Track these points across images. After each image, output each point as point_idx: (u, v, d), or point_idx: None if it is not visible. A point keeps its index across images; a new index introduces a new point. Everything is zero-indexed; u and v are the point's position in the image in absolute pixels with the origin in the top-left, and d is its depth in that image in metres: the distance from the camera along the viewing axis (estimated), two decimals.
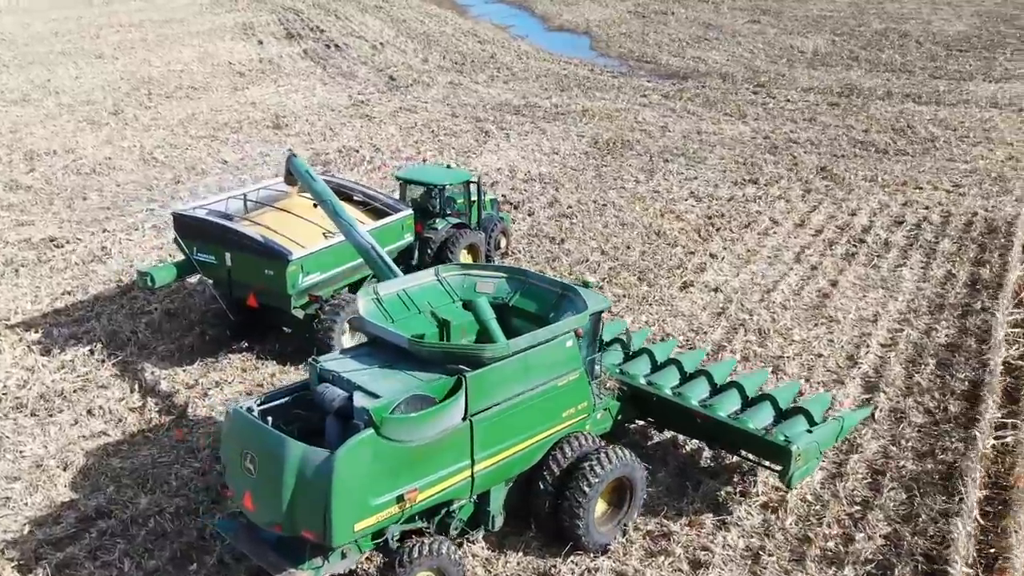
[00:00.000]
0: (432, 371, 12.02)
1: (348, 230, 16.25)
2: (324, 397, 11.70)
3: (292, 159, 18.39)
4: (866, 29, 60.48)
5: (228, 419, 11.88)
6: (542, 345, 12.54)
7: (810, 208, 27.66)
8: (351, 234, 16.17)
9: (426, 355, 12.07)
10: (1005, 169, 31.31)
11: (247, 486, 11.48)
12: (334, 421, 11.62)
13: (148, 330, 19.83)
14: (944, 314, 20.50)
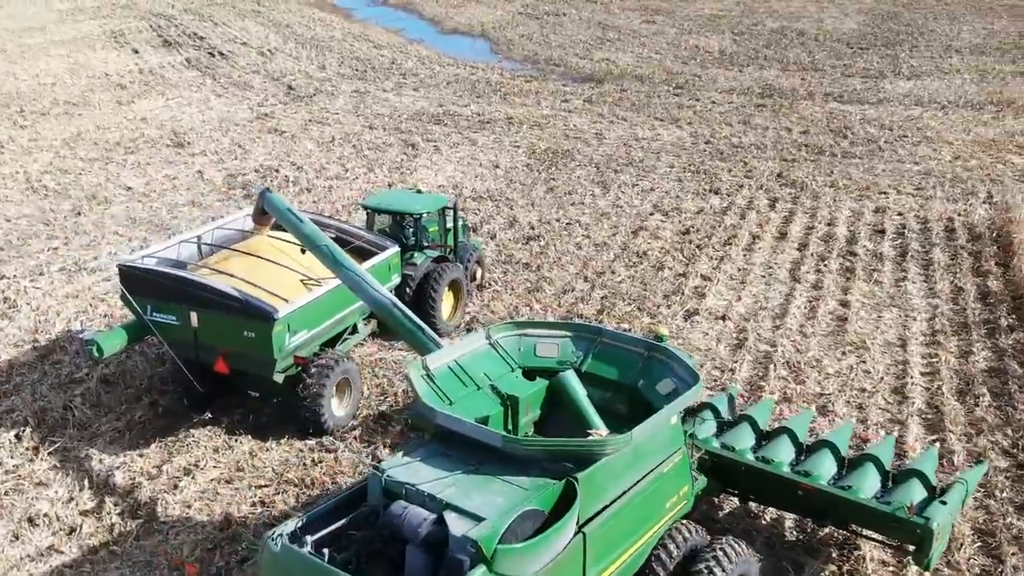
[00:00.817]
0: (529, 472, 9.46)
1: (359, 284, 13.40)
2: (405, 522, 8.98)
3: (267, 195, 15.43)
4: (762, 28, 60.18)
5: (272, 557, 9.02)
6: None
7: (783, 219, 26.11)
8: (364, 289, 13.33)
9: (524, 454, 9.50)
10: (957, 170, 30.60)
11: None
12: (419, 553, 8.92)
13: (85, 404, 16.44)
14: (972, 335, 19.07)
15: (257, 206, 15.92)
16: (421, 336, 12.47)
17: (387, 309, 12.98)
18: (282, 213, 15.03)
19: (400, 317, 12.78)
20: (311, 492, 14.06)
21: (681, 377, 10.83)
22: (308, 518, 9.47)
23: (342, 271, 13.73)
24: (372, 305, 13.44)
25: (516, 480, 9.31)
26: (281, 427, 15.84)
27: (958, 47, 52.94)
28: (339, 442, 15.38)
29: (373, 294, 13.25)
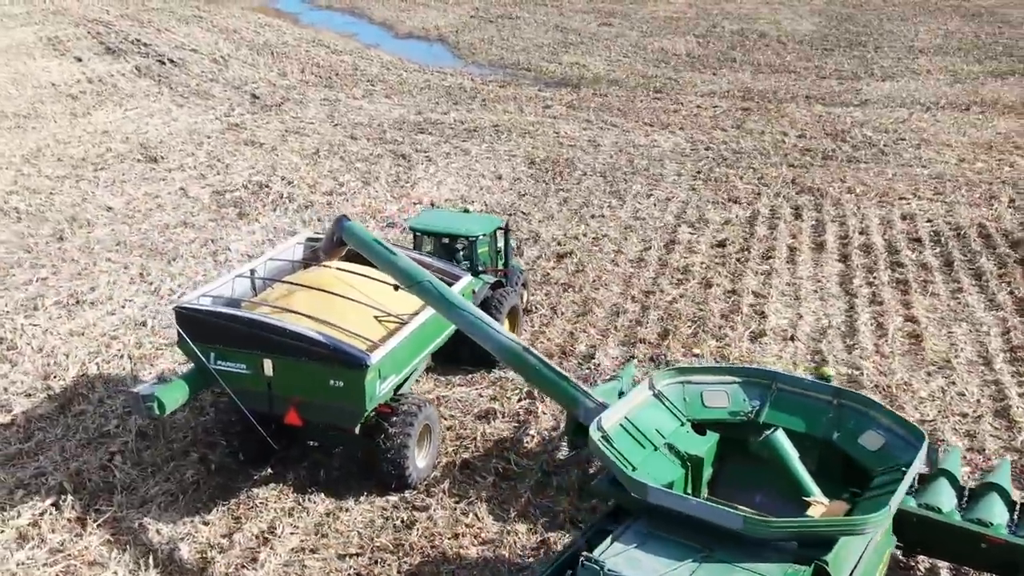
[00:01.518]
0: (768, 557, 8.07)
1: (480, 327, 11.82)
2: None
3: (346, 224, 13.73)
4: (723, 30, 59.73)
5: None
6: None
7: (813, 228, 25.14)
8: (487, 334, 11.76)
9: (769, 536, 8.09)
10: (967, 173, 30.11)
11: None
12: None
13: (126, 463, 14.52)
14: None
15: (331, 235, 14.17)
16: (566, 387, 10.98)
17: (518, 356, 11.43)
18: (367, 244, 13.37)
19: (537, 365, 11.26)
20: (411, 560, 12.43)
21: (888, 429, 9.54)
22: None
23: (458, 313, 12.12)
24: (498, 352, 11.85)
25: (761, 568, 7.90)
26: (355, 482, 14.17)
27: (921, 48, 53.12)
28: (429, 498, 13.75)
29: (500, 339, 11.69)
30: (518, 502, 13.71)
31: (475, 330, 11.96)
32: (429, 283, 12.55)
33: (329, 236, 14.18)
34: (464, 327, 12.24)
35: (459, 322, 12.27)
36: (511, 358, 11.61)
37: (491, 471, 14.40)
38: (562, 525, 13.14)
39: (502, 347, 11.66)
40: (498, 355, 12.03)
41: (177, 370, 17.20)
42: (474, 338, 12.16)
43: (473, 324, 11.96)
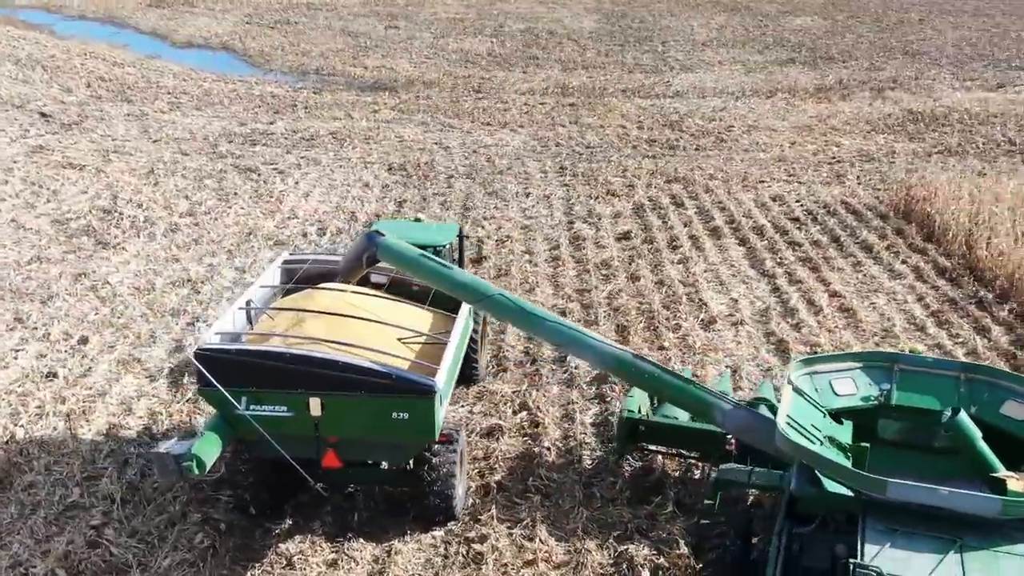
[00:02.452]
0: (1018, 538, 7.97)
1: (582, 340, 11.08)
2: None
3: (381, 241, 12.41)
4: (511, 29, 60.60)
5: None
6: None
7: (699, 215, 25.81)
8: (592, 347, 11.08)
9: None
10: (804, 154, 32.06)
11: None
12: None
13: (121, 535, 12.49)
14: (972, 312, 19.61)
15: (359, 255, 12.73)
16: (694, 391, 10.48)
17: (630, 365, 10.78)
18: (414, 261, 12.20)
19: (655, 372, 10.65)
20: None
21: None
22: None
23: (545, 326, 11.24)
24: (603, 363, 11.11)
25: (1019, 550, 7.77)
26: (390, 521, 12.96)
27: (703, 41, 56.16)
28: (480, 526, 12.78)
29: (604, 348, 10.97)
30: (571, 519, 13.02)
31: (570, 341, 11.18)
32: (502, 296, 11.61)
33: (356, 255, 12.77)
34: (554, 340, 11.42)
35: (548, 335, 11.43)
36: (621, 367, 10.94)
37: (529, 490, 13.60)
38: (631, 536, 12.60)
39: (608, 357, 10.96)
40: (603, 366, 11.31)
41: (126, 424, 15.15)
42: (567, 350, 11.38)
43: (567, 335, 11.18)
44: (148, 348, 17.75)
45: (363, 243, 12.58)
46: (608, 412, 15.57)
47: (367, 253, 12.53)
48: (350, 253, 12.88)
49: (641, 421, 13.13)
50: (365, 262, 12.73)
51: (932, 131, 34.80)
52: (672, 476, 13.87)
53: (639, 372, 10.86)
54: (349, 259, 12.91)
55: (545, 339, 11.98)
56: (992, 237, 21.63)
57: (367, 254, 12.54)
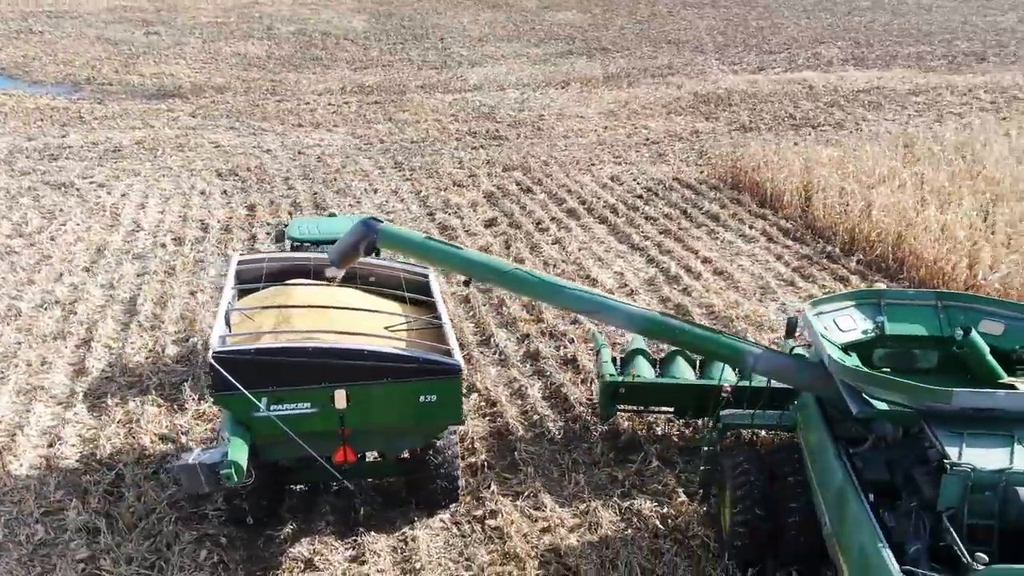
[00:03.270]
0: None
1: (608, 305, 11.44)
2: None
3: (381, 228, 12.13)
4: (282, 31, 59.49)
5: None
6: None
7: (552, 198, 26.74)
8: (619, 310, 11.42)
9: None
10: (619, 138, 33.83)
11: None
12: None
13: (119, 566, 11.62)
14: (834, 265, 21.69)
15: (355, 243, 12.27)
16: (724, 340, 11.18)
17: (660, 323, 11.29)
18: (420, 244, 12.07)
19: (685, 327, 11.23)
20: (532, 566, 11.73)
21: (1000, 315, 11.19)
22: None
23: (569, 295, 11.52)
24: (632, 324, 11.50)
25: None
26: (392, 512, 12.85)
27: (479, 37, 57.51)
28: (487, 503, 12.94)
29: (631, 311, 11.41)
30: (566, 485, 13.44)
31: (596, 307, 11.53)
32: (519, 270, 11.80)
33: (353, 244, 12.32)
34: (581, 308, 11.73)
35: (573, 304, 11.71)
36: (650, 326, 11.43)
37: (516, 465, 13.88)
38: (629, 493, 13.19)
39: (637, 318, 11.41)
40: (633, 327, 11.71)
41: (61, 454, 14.00)
42: (594, 317, 11.72)
43: (593, 302, 11.53)
44: (46, 375, 16.39)
45: (361, 231, 12.26)
46: (557, 385, 16.04)
47: (366, 241, 12.25)
48: (345, 242, 12.49)
49: (622, 383, 13.75)
50: (364, 250, 12.46)
51: (722, 110, 37.67)
52: (642, 435, 14.57)
53: (670, 329, 11.44)
54: (344, 248, 12.51)
55: (569, 308, 12.30)
56: (825, 199, 23.91)
57: (366, 242, 12.26)
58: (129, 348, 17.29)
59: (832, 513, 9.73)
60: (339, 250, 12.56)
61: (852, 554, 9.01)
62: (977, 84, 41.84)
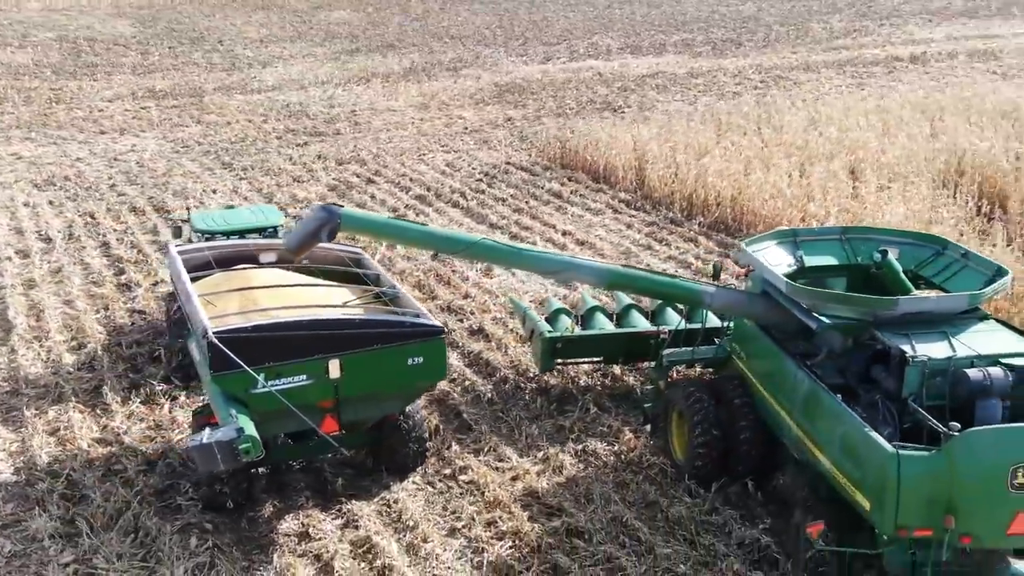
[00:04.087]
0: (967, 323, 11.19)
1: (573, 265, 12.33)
2: (993, 380, 10.09)
3: (343, 212, 11.91)
4: (40, 38, 56.14)
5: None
6: None
7: (395, 184, 27.34)
8: (585, 267, 12.41)
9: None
10: (439, 129, 34.82)
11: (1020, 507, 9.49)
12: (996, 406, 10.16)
13: (110, 560, 11.39)
14: (682, 229, 23.61)
15: (316, 230, 11.93)
16: (683, 283, 12.41)
17: (623, 275, 12.35)
18: (385, 225, 12.41)
19: (647, 275, 12.37)
20: (515, 510, 12.55)
21: (894, 242, 13.06)
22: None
23: (534, 259, 12.34)
24: (599, 279, 12.45)
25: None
26: (364, 481, 13.27)
27: (260, 39, 56.63)
28: (454, 461, 13.61)
29: (596, 266, 12.42)
30: (520, 438, 14.29)
31: (565, 267, 12.35)
32: (485, 239, 12.44)
33: (314, 230, 11.98)
34: (549, 269, 12.45)
35: (538, 266, 12.44)
36: (617, 279, 12.44)
37: (467, 426, 14.59)
38: (579, 438, 14.21)
39: (603, 272, 12.37)
40: (600, 282, 12.65)
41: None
42: (561, 277, 12.55)
43: (561, 262, 12.37)
44: None
45: (323, 216, 12.01)
46: (476, 353, 16.82)
47: (328, 227, 11.96)
48: (305, 229, 12.23)
49: (560, 338, 14.77)
50: (326, 236, 12.13)
51: (527, 98, 39.39)
52: (572, 388, 15.65)
53: (634, 279, 12.56)
54: (304, 235, 12.24)
55: (539, 271, 13.04)
56: (658, 171, 25.90)
57: (328, 227, 11.98)
58: (22, 360, 16.47)
59: (802, 418, 11.17)
60: (298, 237, 12.33)
61: (834, 446, 10.46)
62: (744, 66, 45.88)
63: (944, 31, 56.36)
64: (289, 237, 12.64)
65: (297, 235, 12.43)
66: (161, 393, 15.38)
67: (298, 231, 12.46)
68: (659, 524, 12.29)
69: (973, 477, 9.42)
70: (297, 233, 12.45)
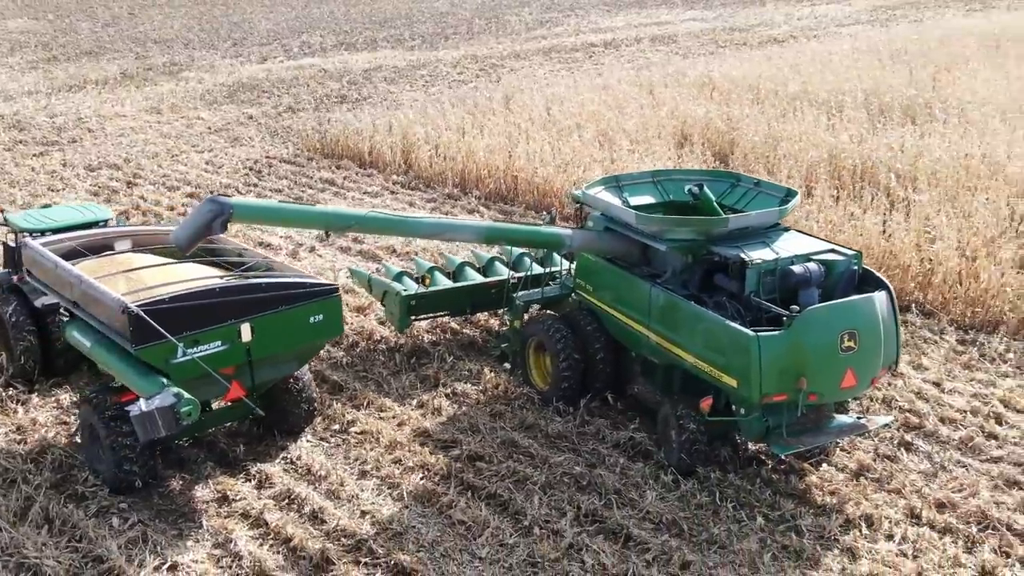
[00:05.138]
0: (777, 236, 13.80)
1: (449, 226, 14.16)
2: (811, 273, 12.62)
3: (235, 204, 12.04)
4: None
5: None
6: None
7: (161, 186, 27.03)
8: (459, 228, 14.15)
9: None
10: (176, 130, 34.35)
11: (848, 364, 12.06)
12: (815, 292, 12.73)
13: (32, 542, 11.33)
14: (457, 204, 25.30)
15: (206, 223, 11.79)
16: (546, 231, 14.05)
17: (496, 230, 13.85)
18: (276, 211, 13.12)
19: (514, 227, 14.03)
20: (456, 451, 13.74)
21: (693, 180, 15.46)
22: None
23: (416, 225, 13.79)
24: (478, 237, 13.88)
25: None
26: (260, 447, 13.88)
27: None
28: (342, 416, 14.51)
29: (471, 225, 13.90)
30: (389, 392, 15.37)
31: (446, 229, 13.84)
32: (374, 212, 13.41)
33: (205, 223, 11.80)
34: (435, 233, 13.79)
35: (428, 230, 13.82)
36: (492, 233, 13.86)
37: (339, 386, 15.48)
38: (441, 383, 15.57)
39: (480, 229, 13.83)
40: (478, 238, 14.00)
41: None
42: (444, 237, 13.78)
43: (444, 225, 13.76)
44: None
45: (214, 208, 11.90)
46: None
47: (220, 219, 11.91)
48: (195, 223, 12.01)
49: (415, 295, 16.00)
50: (219, 227, 12.01)
51: (261, 97, 39.46)
52: (421, 343, 16.92)
53: (506, 232, 14.07)
54: (195, 229, 12.01)
55: (423, 236, 14.27)
56: (427, 153, 27.45)
57: (220, 219, 11.92)
58: None
59: (661, 327, 13.21)
60: (188, 232, 12.10)
61: (696, 342, 12.58)
62: (459, 57, 48.36)
63: (623, 19, 62.10)
64: (177, 233, 12.35)
65: (187, 230, 12.18)
66: (9, 399, 14.92)
67: (188, 226, 12.22)
68: (543, 440, 13.93)
69: (814, 346, 11.88)
70: (186, 228, 12.21)
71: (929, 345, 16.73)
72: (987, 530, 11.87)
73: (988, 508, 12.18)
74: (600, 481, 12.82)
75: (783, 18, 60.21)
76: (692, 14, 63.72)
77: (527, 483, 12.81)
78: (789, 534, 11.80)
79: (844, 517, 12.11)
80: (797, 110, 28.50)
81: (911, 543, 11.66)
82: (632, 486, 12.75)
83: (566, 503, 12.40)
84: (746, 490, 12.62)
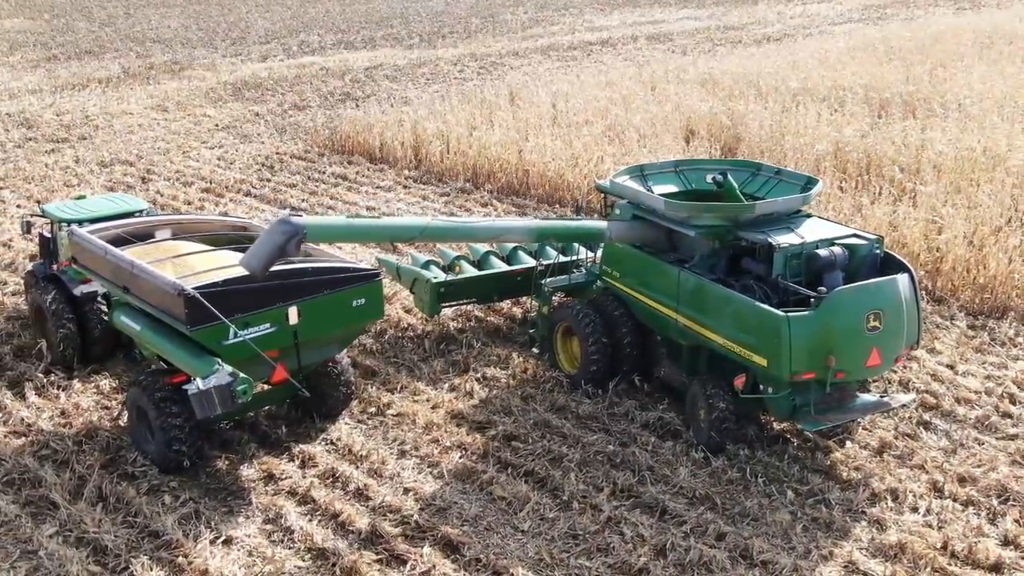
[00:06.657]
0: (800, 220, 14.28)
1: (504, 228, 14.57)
2: (837, 257, 13.09)
3: (307, 224, 12.05)
4: None
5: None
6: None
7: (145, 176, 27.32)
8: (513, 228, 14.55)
9: None
10: (188, 126, 34.65)
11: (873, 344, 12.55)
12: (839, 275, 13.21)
13: (91, 518, 11.71)
14: (470, 197, 25.73)
15: (280, 247, 11.67)
16: (589, 224, 14.54)
17: (543, 228, 14.20)
18: (348, 228, 13.62)
19: (560, 224, 14.47)
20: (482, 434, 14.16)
21: (715, 169, 15.94)
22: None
23: (475, 230, 14.21)
24: (527, 236, 14.46)
25: None
26: (300, 430, 14.26)
27: None
28: (378, 399, 14.91)
29: (521, 225, 14.29)
30: (422, 377, 15.79)
31: (504, 231, 14.49)
32: (437, 221, 13.85)
33: (279, 246, 11.62)
34: (489, 236, 14.46)
35: (487, 234, 14.50)
36: (540, 232, 14.18)
37: (372, 371, 15.88)
38: (472, 368, 16.00)
39: (528, 230, 14.20)
40: (528, 238, 14.51)
41: None
42: (500, 240, 14.34)
43: (496, 229, 14.32)
44: None
45: (287, 230, 11.75)
46: None
47: (295, 240, 11.80)
48: (267, 246, 11.76)
49: (445, 283, 16.43)
50: (292, 249, 11.88)
51: (266, 95, 39.76)
52: (449, 330, 17.34)
53: (556, 229, 14.52)
54: (268, 253, 11.72)
55: (483, 239, 14.79)
56: (440, 149, 27.84)
57: (295, 240, 11.78)
58: None
59: (691, 310, 13.65)
60: (261, 256, 11.79)
61: (725, 324, 13.05)
62: (459, 55, 48.77)
63: (618, 18, 62.61)
64: (248, 259, 12.00)
65: (260, 253, 11.86)
66: (50, 384, 15.28)
67: (259, 250, 11.88)
68: (574, 421, 14.38)
69: (841, 325, 12.36)
70: (258, 253, 11.87)
71: (941, 330, 17.23)
72: (1008, 502, 12.36)
73: (1008, 482, 12.67)
74: (633, 459, 13.26)
75: (775, 16, 60.88)
76: (686, 12, 64.32)
77: (563, 461, 13.24)
78: (819, 507, 12.27)
79: (870, 491, 12.58)
80: (800, 105, 29.00)
81: (936, 515, 12.14)
82: (664, 463, 13.20)
83: (602, 479, 12.84)
84: (774, 466, 13.08)
